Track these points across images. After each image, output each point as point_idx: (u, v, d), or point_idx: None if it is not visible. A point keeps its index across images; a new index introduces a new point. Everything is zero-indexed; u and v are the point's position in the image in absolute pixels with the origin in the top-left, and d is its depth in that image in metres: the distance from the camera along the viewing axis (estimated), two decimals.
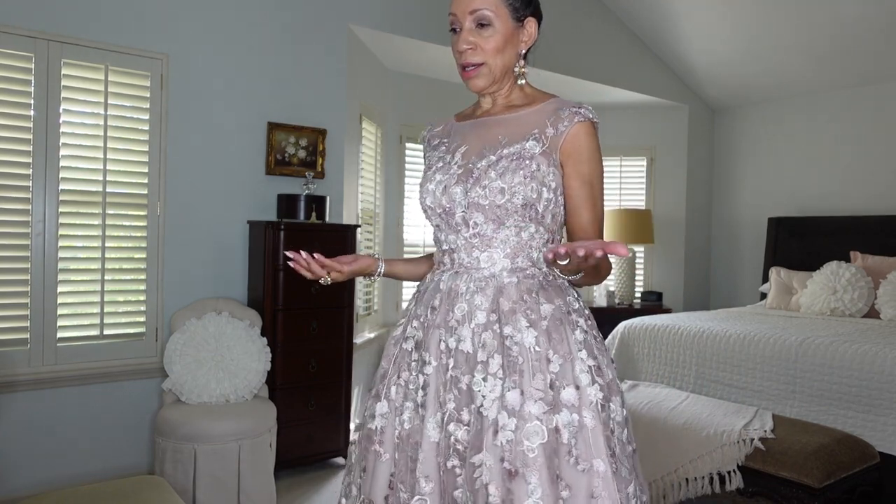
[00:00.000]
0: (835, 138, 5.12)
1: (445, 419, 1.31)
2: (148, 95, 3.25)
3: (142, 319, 3.26)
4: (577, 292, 1.44)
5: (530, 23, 1.42)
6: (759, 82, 5.35)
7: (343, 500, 1.48)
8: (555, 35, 4.77)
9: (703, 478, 2.70)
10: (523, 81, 1.45)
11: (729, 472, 2.64)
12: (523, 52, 1.43)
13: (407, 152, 4.91)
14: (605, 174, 1.46)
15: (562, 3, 4.88)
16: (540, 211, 1.36)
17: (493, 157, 1.37)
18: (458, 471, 1.28)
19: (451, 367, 1.33)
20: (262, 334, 3.28)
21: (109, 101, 3.15)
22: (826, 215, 5.06)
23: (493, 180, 1.34)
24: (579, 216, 1.39)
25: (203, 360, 3.04)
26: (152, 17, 3.27)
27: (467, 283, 1.38)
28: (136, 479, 2.01)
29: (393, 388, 1.41)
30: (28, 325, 2.97)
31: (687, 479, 2.74)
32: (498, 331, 1.31)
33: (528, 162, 1.34)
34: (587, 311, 1.41)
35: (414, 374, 1.39)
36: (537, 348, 1.29)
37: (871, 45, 4.50)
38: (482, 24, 1.37)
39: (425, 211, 1.47)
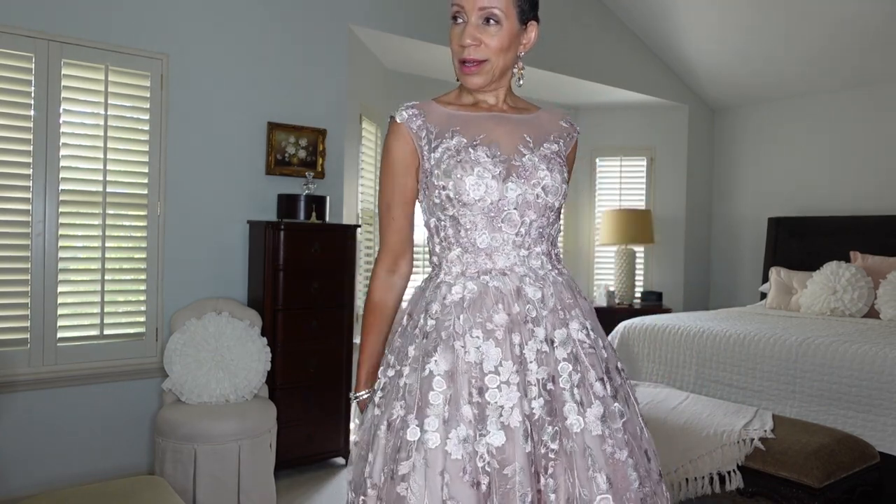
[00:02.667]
0: (835, 138, 5.12)
1: (534, 426, 1.25)
2: (148, 95, 3.25)
3: (142, 319, 3.26)
4: None
5: (532, 26, 1.41)
6: (760, 82, 5.34)
7: None
8: (555, 35, 4.76)
9: (704, 478, 2.70)
10: (522, 83, 1.45)
11: (729, 472, 2.64)
12: (521, 54, 1.42)
13: None
14: (605, 174, 1.53)
15: (562, 3, 4.88)
16: (561, 208, 1.45)
17: (536, 157, 1.37)
18: (541, 480, 1.23)
19: (534, 371, 1.27)
20: (262, 334, 3.28)
21: (109, 101, 3.15)
22: (826, 215, 5.06)
23: (545, 178, 1.35)
24: None
25: (203, 360, 3.04)
26: (152, 17, 3.27)
27: (522, 283, 1.33)
28: (136, 479, 2.01)
29: (468, 408, 1.24)
30: (28, 325, 2.97)
31: (687, 479, 2.74)
32: (567, 328, 1.34)
33: (563, 163, 1.42)
34: None
35: (494, 387, 1.25)
36: (596, 340, 1.37)
37: (871, 46, 4.50)
38: (489, 21, 1.34)
39: (463, 206, 1.33)
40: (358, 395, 1.49)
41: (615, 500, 1.23)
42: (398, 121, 1.40)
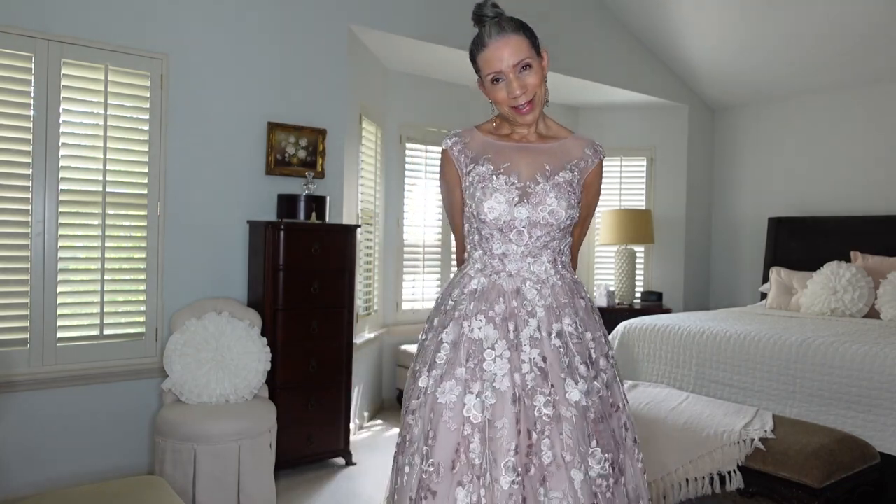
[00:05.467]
0: (835, 138, 5.12)
1: (526, 393, 1.53)
2: (148, 95, 3.25)
3: (142, 319, 3.26)
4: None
5: (545, 53, 1.66)
6: (760, 82, 5.34)
7: (406, 469, 1.59)
8: (555, 35, 4.76)
9: (704, 478, 2.70)
10: (548, 105, 1.70)
11: (729, 473, 2.65)
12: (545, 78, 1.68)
13: (407, 152, 4.91)
14: (604, 174, 1.62)
15: (562, 4, 4.88)
16: (571, 226, 1.71)
17: (549, 185, 1.64)
18: (534, 436, 1.51)
19: (527, 352, 1.57)
20: (262, 334, 3.28)
21: (109, 101, 3.15)
22: (826, 215, 5.06)
23: (552, 204, 1.63)
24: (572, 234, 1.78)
25: (203, 360, 3.04)
26: (152, 17, 3.27)
27: (525, 283, 1.64)
28: (136, 479, 2.01)
29: (461, 370, 1.57)
30: (28, 325, 2.97)
31: (687, 479, 2.74)
32: (559, 322, 1.62)
33: (573, 189, 1.67)
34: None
35: (489, 359, 1.56)
36: (583, 333, 1.65)
37: (871, 46, 4.50)
38: (525, 68, 1.60)
39: (482, 222, 1.65)
40: None
41: (603, 452, 1.54)
42: (444, 148, 1.75)
